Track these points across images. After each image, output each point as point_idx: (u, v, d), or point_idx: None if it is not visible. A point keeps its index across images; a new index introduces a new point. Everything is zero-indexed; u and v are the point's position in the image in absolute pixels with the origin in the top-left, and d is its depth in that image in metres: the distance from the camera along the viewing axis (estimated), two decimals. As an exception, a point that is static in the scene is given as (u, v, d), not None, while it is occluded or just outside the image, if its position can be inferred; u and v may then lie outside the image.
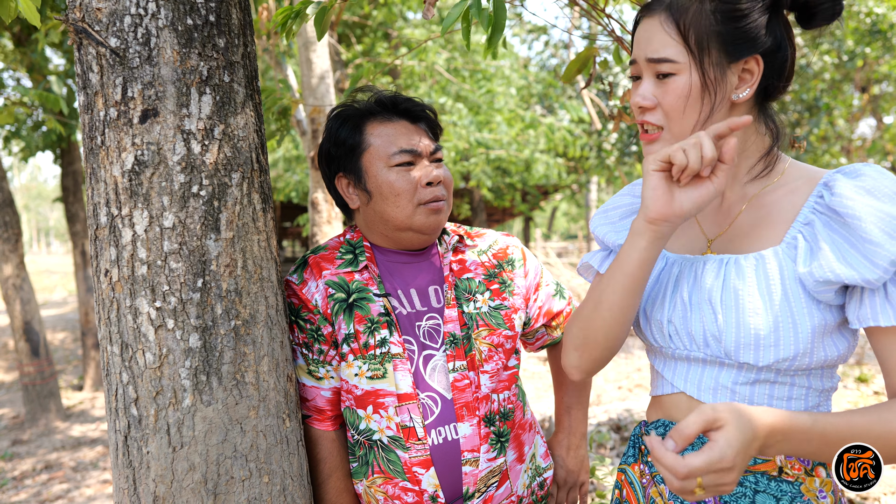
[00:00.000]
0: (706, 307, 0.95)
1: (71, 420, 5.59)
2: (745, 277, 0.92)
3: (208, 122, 1.06)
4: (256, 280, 1.11)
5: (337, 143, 1.30)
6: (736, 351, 0.92)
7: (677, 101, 0.92)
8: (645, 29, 0.95)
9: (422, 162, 1.26)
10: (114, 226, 1.05)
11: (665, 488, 1.01)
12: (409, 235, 1.29)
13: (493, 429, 1.26)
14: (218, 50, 1.08)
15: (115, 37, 1.02)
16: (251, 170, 1.12)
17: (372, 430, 1.23)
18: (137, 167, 1.03)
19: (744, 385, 0.94)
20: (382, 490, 1.24)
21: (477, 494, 1.23)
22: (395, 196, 1.24)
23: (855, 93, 9.37)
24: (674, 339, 1.00)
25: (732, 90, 0.93)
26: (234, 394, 1.07)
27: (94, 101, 1.05)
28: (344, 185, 1.31)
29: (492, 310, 1.32)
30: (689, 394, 0.99)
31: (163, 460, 1.04)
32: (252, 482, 1.09)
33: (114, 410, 1.08)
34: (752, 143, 0.98)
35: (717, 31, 0.90)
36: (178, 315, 1.04)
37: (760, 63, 0.92)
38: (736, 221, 0.99)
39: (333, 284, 1.27)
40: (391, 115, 1.28)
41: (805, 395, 0.93)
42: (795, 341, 0.88)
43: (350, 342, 1.24)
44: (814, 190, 0.93)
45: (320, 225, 4.22)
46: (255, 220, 1.13)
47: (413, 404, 1.22)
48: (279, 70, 4.63)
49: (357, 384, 1.23)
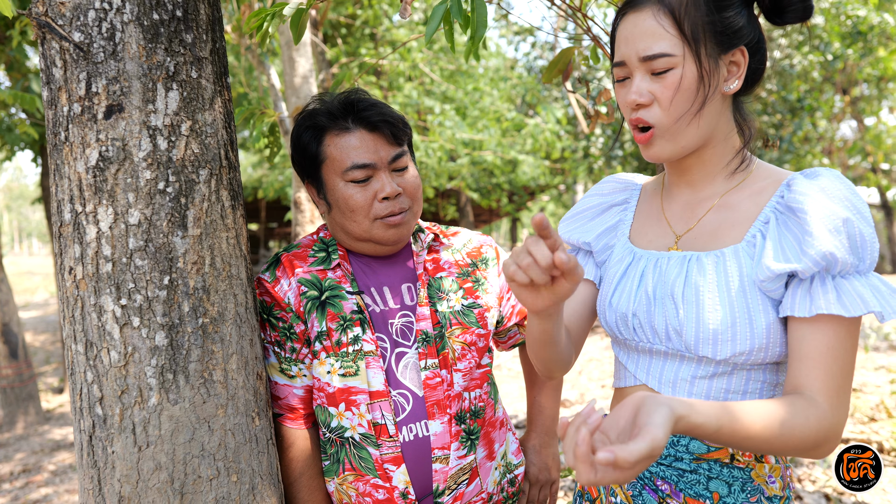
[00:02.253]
0: (668, 302, 0.96)
1: (51, 423, 5.52)
2: (706, 274, 0.93)
3: (175, 118, 1.05)
4: (225, 277, 1.11)
5: (299, 150, 1.29)
6: (696, 345, 0.93)
7: (675, 96, 0.91)
8: (634, 24, 0.93)
9: (379, 174, 1.24)
10: (78, 223, 1.03)
11: None
12: (370, 246, 1.29)
13: (464, 427, 1.26)
14: (185, 45, 1.07)
15: (78, 31, 1.01)
16: (220, 166, 1.11)
17: (343, 427, 1.23)
18: (102, 163, 1.02)
19: (702, 379, 0.96)
20: (354, 487, 1.23)
21: (447, 491, 1.23)
22: (351, 212, 1.24)
23: (836, 95, 9.49)
24: (637, 332, 1.02)
25: (723, 82, 0.94)
26: (202, 392, 1.06)
27: (57, 97, 1.04)
28: (311, 192, 1.32)
29: (465, 308, 1.32)
30: (651, 386, 1.01)
31: (128, 460, 1.03)
32: (220, 481, 1.08)
33: (78, 410, 1.07)
34: (728, 141, 0.99)
35: (710, 21, 0.90)
36: (143, 313, 1.03)
37: (746, 55, 0.93)
38: (703, 220, 1.00)
39: (306, 282, 1.26)
40: (348, 125, 1.24)
41: (760, 389, 0.95)
42: (752, 336, 0.89)
43: (322, 340, 1.23)
44: (777, 190, 0.95)
45: (303, 224, 4.20)
46: (224, 217, 1.12)
47: (385, 402, 1.22)
48: (262, 69, 4.61)
49: (329, 381, 1.23)
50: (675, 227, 1.04)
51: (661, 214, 1.07)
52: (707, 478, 0.96)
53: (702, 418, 0.74)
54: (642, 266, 1.03)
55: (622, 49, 0.95)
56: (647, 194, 1.14)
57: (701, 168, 1.01)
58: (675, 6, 0.90)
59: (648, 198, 1.13)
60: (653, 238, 1.07)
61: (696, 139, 0.96)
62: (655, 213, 1.09)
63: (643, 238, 1.08)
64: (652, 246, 1.06)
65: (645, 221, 1.10)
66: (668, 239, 1.04)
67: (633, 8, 0.94)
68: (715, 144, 0.99)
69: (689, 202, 1.03)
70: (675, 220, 1.05)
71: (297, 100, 4.24)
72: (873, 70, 7.63)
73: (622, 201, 1.15)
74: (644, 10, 0.92)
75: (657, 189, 1.12)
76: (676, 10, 0.90)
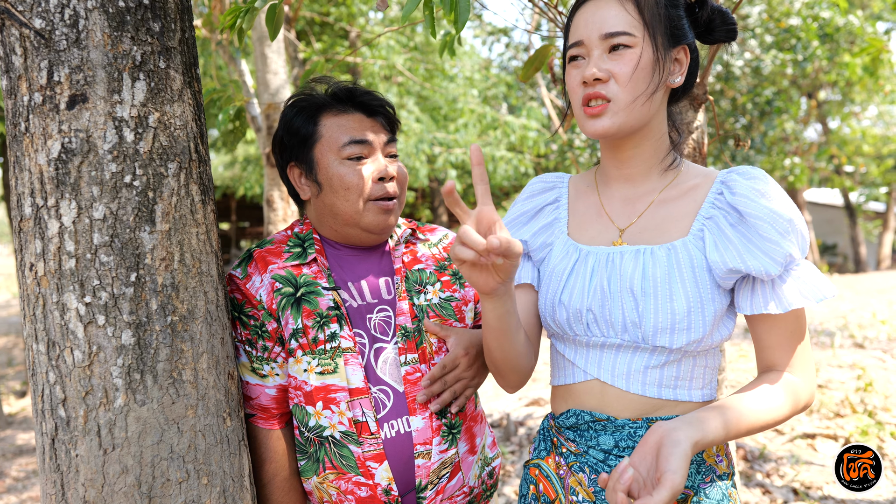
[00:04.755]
0: (627, 295, 1.00)
1: (13, 427, 5.35)
2: (661, 266, 0.98)
3: (142, 110, 1.02)
4: (195, 274, 1.07)
5: (290, 131, 1.28)
6: (653, 335, 0.98)
7: (631, 72, 0.97)
8: (597, 7, 0.99)
9: (375, 156, 1.25)
10: (39, 217, 0.99)
11: (584, 476, 1.05)
12: (356, 232, 1.27)
13: (445, 421, 1.26)
14: (152, 34, 1.04)
15: (40, 18, 0.97)
16: (189, 160, 1.08)
17: (322, 426, 1.21)
18: (65, 155, 0.98)
19: (654, 368, 1.01)
20: (335, 486, 1.21)
21: (430, 486, 1.22)
22: (345, 190, 1.22)
23: (802, 98, 9.72)
24: (591, 328, 1.04)
25: (669, 74, 1.01)
26: (171, 392, 1.03)
27: (17, 86, 0.99)
28: (296, 175, 1.30)
29: (442, 301, 1.32)
30: (603, 379, 1.04)
31: (93, 463, 0.99)
32: (190, 484, 1.04)
33: (40, 412, 1.03)
34: (661, 137, 1.05)
35: (666, 15, 0.98)
36: (109, 311, 0.99)
37: (688, 54, 1.02)
38: (644, 214, 1.05)
39: (280, 279, 1.23)
40: (347, 108, 1.27)
41: (703, 374, 1.03)
42: (703, 324, 0.96)
43: (298, 337, 1.21)
44: (712, 187, 1.02)
45: (276, 223, 4.14)
46: (194, 213, 1.08)
47: (365, 399, 1.20)
48: (233, 65, 4.53)
49: (306, 380, 1.20)
50: (617, 221, 1.07)
51: (601, 209, 1.10)
52: None
53: (713, 434, 0.88)
54: (592, 262, 1.05)
55: (580, 31, 1.00)
56: (578, 190, 1.16)
57: (639, 161, 1.06)
58: None
59: (581, 194, 1.15)
60: (594, 234, 1.09)
61: (640, 121, 1.00)
62: (594, 209, 1.11)
63: (584, 234, 1.10)
64: (595, 241, 1.08)
65: (583, 217, 1.12)
66: (612, 234, 1.07)
67: None
68: (654, 137, 1.04)
69: (629, 197, 1.07)
70: (616, 215, 1.08)
71: (269, 96, 4.18)
72: (841, 70, 7.82)
73: (553, 200, 1.18)
74: None
75: (591, 185, 1.15)
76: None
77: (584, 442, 1.04)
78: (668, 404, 1.01)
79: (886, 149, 13.42)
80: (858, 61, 5.84)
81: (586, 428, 1.04)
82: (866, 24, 7.55)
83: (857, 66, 7.19)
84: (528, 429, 4.25)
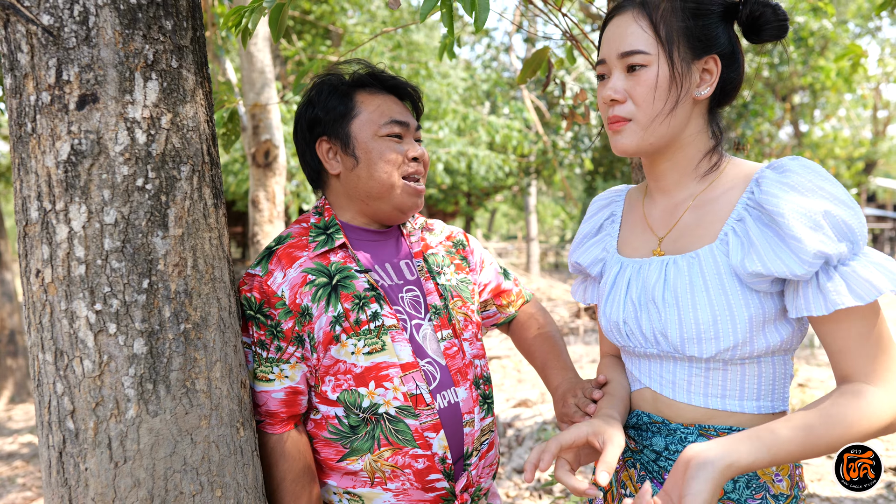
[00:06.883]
0: (651, 306, 1.00)
1: (-17, 434, 5.18)
2: (683, 275, 0.98)
3: (154, 111, 0.98)
4: (208, 280, 1.04)
5: (326, 107, 1.30)
6: (682, 345, 0.97)
7: (647, 92, 0.96)
8: (616, 26, 0.99)
9: (408, 137, 1.31)
10: (47, 221, 0.95)
11: (634, 473, 1.07)
12: (386, 209, 1.30)
13: (480, 392, 1.32)
14: (165, 33, 1.00)
15: (47, 14, 0.93)
16: (202, 162, 1.05)
17: (377, 404, 1.21)
18: (74, 157, 0.94)
19: (697, 377, 0.99)
20: (391, 462, 1.21)
21: (474, 453, 1.28)
22: (385, 163, 1.26)
23: (777, 101, 9.91)
24: (631, 339, 1.06)
25: (695, 87, 0.99)
26: (184, 402, 1.00)
27: (23, 84, 0.95)
28: (325, 150, 1.31)
29: (459, 283, 1.39)
30: (653, 388, 1.05)
31: (103, 477, 0.96)
32: (203, 497, 1.01)
33: (46, 424, 0.99)
34: (697, 144, 1.03)
35: (685, 27, 0.96)
36: (120, 319, 0.95)
37: (719, 64, 0.99)
38: (680, 221, 1.04)
39: (312, 271, 1.23)
40: (379, 88, 1.31)
41: (758, 384, 0.98)
42: (734, 332, 0.93)
43: (341, 322, 1.21)
44: (748, 186, 0.98)
45: (261, 224, 4.08)
46: (207, 217, 1.05)
47: (416, 372, 1.22)
48: (217, 63, 4.45)
49: (356, 362, 1.21)
50: (657, 231, 1.08)
51: (645, 221, 1.11)
52: None
53: (751, 458, 0.81)
54: (628, 274, 1.07)
55: (604, 48, 1.01)
56: (630, 203, 1.18)
57: (672, 173, 1.05)
58: (653, 10, 0.96)
59: (633, 206, 1.17)
60: (637, 245, 1.11)
61: (664, 139, 1.00)
62: (640, 221, 1.13)
63: (629, 246, 1.12)
64: (637, 253, 1.10)
65: (631, 230, 1.14)
66: (652, 243, 1.08)
67: (618, 12, 1.00)
68: (684, 148, 1.02)
69: (667, 206, 1.07)
70: (656, 225, 1.09)
71: (255, 95, 4.12)
72: (816, 73, 7.99)
73: (609, 216, 1.21)
74: (626, 13, 0.99)
75: (640, 197, 1.16)
76: (654, 13, 0.96)
77: (641, 441, 1.06)
78: (719, 414, 0.98)
79: (857, 152, 13.76)
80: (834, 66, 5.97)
81: (645, 429, 1.06)
82: (838, 29, 7.73)
83: (831, 70, 7.35)
84: (517, 430, 4.25)
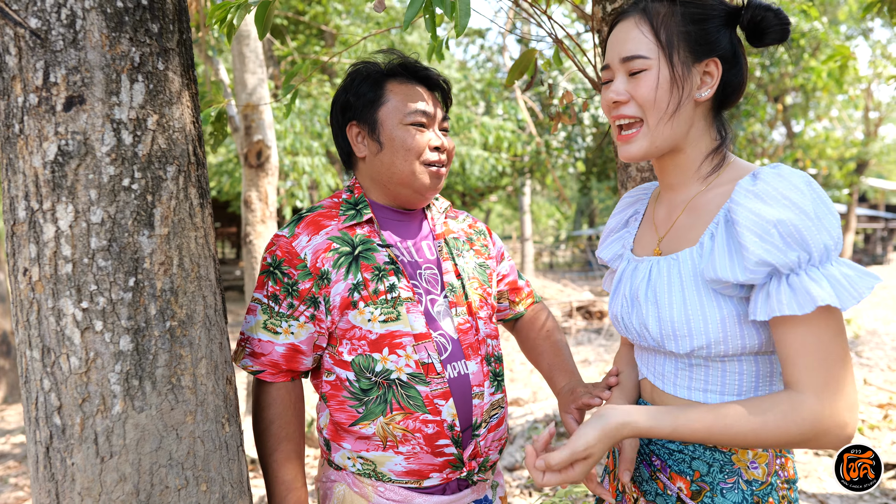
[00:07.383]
0: (636, 303, 1.06)
1: (-24, 434, 5.17)
2: (664, 276, 1.02)
3: (141, 112, 1.00)
4: (194, 279, 1.06)
5: (357, 93, 1.36)
6: (661, 340, 1.02)
7: (649, 93, 0.99)
8: (619, 31, 1.03)
9: (433, 127, 1.36)
10: (34, 221, 0.97)
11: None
12: (407, 193, 1.36)
13: (491, 368, 1.38)
14: (151, 35, 1.02)
15: (35, 17, 0.95)
16: (188, 163, 1.07)
17: (389, 370, 1.27)
18: (61, 158, 0.96)
19: (682, 371, 1.04)
20: (402, 426, 1.27)
21: (483, 425, 1.33)
22: (406, 150, 1.32)
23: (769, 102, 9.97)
24: (628, 332, 1.12)
25: (696, 89, 1.00)
26: (170, 398, 1.02)
27: (11, 86, 0.97)
28: (354, 134, 1.37)
29: (478, 266, 1.46)
30: (649, 378, 1.12)
31: (90, 472, 0.97)
32: (189, 491, 1.03)
33: (34, 420, 1.00)
34: (700, 146, 1.05)
35: (685, 31, 0.98)
36: (107, 316, 0.97)
37: (719, 67, 1.00)
38: (677, 222, 1.07)
39: (337, 239, 1.31)
40: (409, 79, 1.36)
41: (738, 381, 0.99)
42: (706, 331, 0.96)
43: (360, 290, 1.27)
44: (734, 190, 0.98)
45: (254, 224, 4.09)
46: (192, 216, 1.07)
47: (429, 342, 1.28)
48: (209, 64, 4.46)
49: (371, 329, 1.27)
50: (660, 230, 1.12)
51: (653, 220, 1.15)
52: (691, 458, 1.05)
53: (650, 423, 0.89)
54: (629, 272, 1.13)
55: (608, 53, 1.04)
56: (652, 200, 1.22)
57: (676, 174, 1.08)
58: (653, 15, 1.00)
59: (652, 204, 1.21)
60: (645, 244, 1.15)
61: (668, 141, 1.02)
62: (651, 219, 1.17)
63: (640, 244, 1.17)
64: (644, 251, 1.14)
65: (645, 227, 1.18)
66: (654, 243, 1.12)
67: (622, 18, 1.04)
68: (687, 149, 1.04)
69: (670, 207, 1.10)
70: (659, 225, 1.12)
71: (247, 96, 4.13)
72: (806, 74, 8.04)
73: (634, 212, 1.25)
74: (629, 19, 1.02)
75: (657, 196, 1.20)
76: (655, 18, 1.00)
77: None
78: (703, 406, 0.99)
79: (849, 152, 13.86)
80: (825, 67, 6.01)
81: None
82: (829, 30, 7.77)
83: (822, 71, 7.40)
84: (508, 428, 4.28)
